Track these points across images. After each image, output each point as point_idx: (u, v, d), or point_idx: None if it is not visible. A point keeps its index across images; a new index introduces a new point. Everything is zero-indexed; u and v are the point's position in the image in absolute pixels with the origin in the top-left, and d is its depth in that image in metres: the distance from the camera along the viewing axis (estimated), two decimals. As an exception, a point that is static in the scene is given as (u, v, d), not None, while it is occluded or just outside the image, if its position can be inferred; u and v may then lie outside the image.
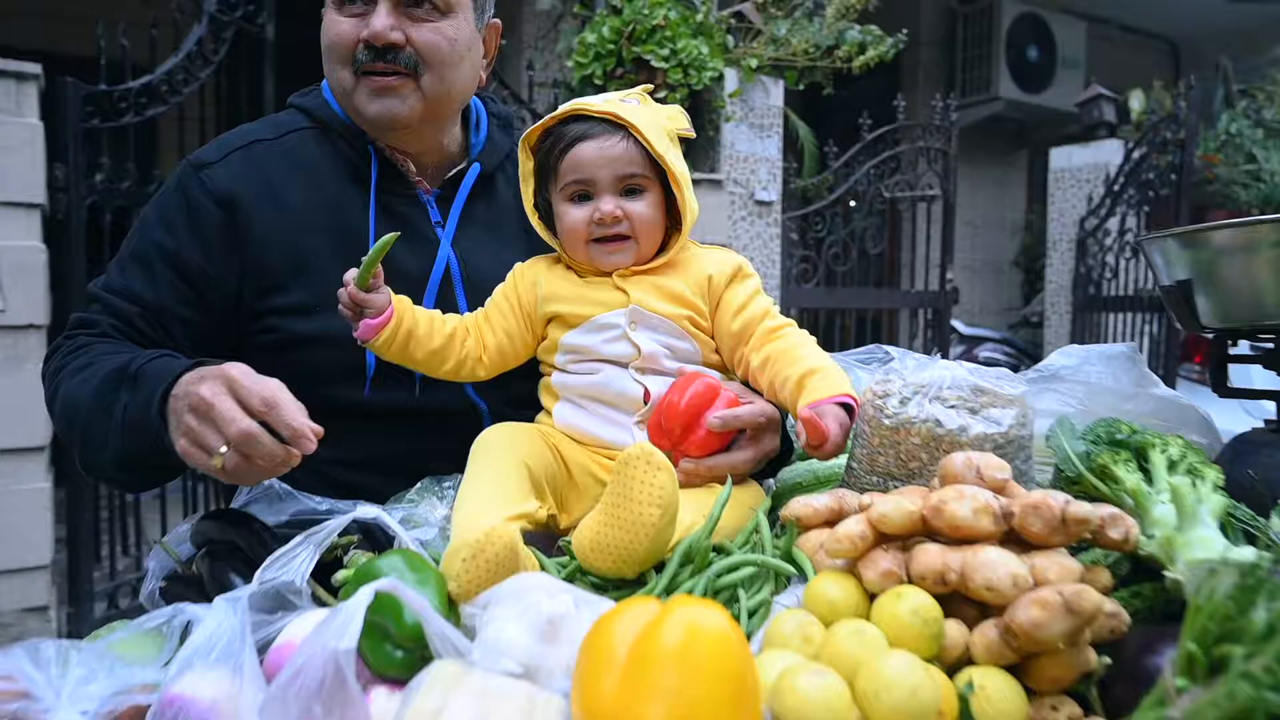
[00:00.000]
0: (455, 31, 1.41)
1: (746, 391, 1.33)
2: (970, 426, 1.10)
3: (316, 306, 1.40)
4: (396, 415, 1.46)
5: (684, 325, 1.32)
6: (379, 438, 1.46)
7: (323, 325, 1.39)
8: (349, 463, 1.45)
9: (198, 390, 1.08)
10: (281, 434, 1.05)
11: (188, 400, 1.09)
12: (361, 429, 1.44)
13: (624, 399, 1.31)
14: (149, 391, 1.17)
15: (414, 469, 1.37)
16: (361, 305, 1.27)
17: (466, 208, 1.56)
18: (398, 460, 1.43)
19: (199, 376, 1.11)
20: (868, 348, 1.98)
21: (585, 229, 1.32)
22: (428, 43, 1.39)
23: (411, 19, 1.38)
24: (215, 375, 1.09)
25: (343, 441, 1.22)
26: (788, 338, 1.31)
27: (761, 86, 4.78)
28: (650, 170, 1.32)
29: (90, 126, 3.49)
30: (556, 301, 1.35)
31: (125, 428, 1.20)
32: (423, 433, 1.47)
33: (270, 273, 1.42)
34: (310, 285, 1.42)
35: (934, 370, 1.16)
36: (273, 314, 1.43)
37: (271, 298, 1.42)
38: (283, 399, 1.06)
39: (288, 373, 1.33)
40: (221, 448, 1.05)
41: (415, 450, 1.44)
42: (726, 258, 1.37)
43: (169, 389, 1.14)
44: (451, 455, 1.44)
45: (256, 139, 1.48)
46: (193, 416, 1.08)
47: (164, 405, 1.14)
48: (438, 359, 1.36)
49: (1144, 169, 5.64)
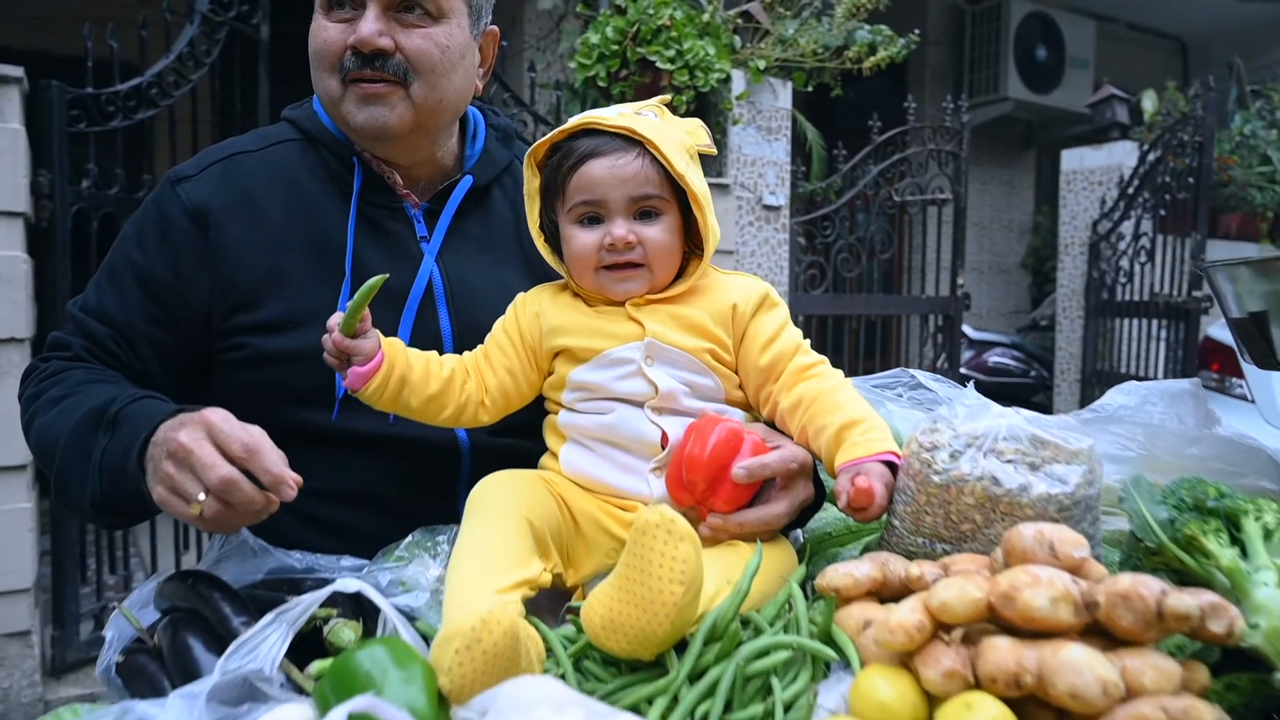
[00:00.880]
0: (448, 38, 1.33)
1: (772, 433, 1.21)
2: (1032, 485, 0.97)
3: (288, 323, 1.33)
4: (368, 442, 1.35)
5: (705, 359, 1.20)
6: (350, 466, 1.36)
7: (292, 342, 1.32)
8: (319, 494, 1.33)
9: (176, 436, 1.05)
10: (261, 481, 1.03)
11: (166, 446, 1.06)
12: (331, 456, 1.34)
13: (639, 442, 1.18)
14: (128, 439, 1.14)
15: (388, 502, 1.33)
16: (348, 353, 1.16)
17: (456, 222, 1.46)
18: (371, 492, 1.34)
19: (179, 423, 1.08)
20: (891, 372, 1.86)
21: (595, 255, 1.19)
22: (418, 49, 1.31)
23: (401, 25, 1.31)
24: (195, 421, 1.06)
25: (311, 470, 1.13)
26: (821, 378, 1.18)
27: (769, 88, 4.64)
28: (668, 190, 1.20)
29: (76, 131, 3.36)
30: (563, 334, 1.23)
31: (103, 473, 1.17)
32: (397, 462, 1.37)
33: (241, 288, 1.35)
34: (283, 301, 1.35)
35: (988, 419, 1.04)
36: (242, 331, 1.35)
37: (242, 314, 1.35)
38: (263, 445, 1.04)
39: (255, 392, 1.33)
40: (200, 495, 1.02)
41: (389, 481, 1.35)
42: (751, 285, 1.25)
43: (149, 437, 1.11)
44: (428, 487, 1.37)
45: (239, 151, 1.43)
46: (171, 463, 1.05)
47: (143, 454, 1.11)
48: (435, 405, 1.24)
49: (1159, 172, 5.51)
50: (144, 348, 1.36)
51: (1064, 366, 6.44)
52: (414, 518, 1.31)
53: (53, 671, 3.33)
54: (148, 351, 1.36)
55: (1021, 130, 9.01)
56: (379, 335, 1.20)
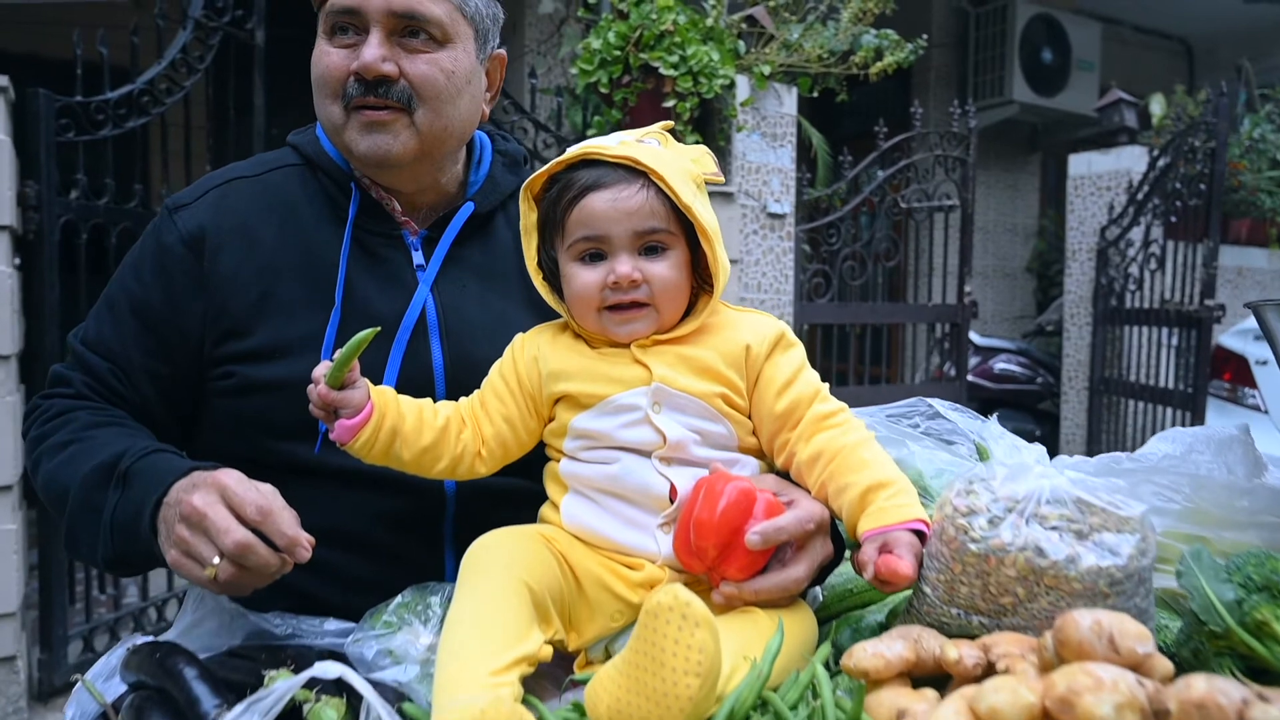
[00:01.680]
0: (453, 64, 1.29)
1: (785, 485, 1.12)
2: (1080, 557, 0.89)
3: (274, 352, 1.30)
4: (350, 479, 1.29)
5: (716, 405, 1.11)
6: (332, 503, 1.30)
7: (276, 372, 1.29)
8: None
9: (190, 499, 1.05)
10: (276, 543, 1.03)
11: (179, 509, 1.06)
12: (313, 492, 1.28)
13: (645, 495, 1.10)
14: (139, 498, 1.13)
15: (371, 541, 1.29)
16: (335, 405, 1.09)
17: (456, 250, 1.40)
18: (352, 531, 1.29)
19: (191, 484, 1.08)
20: (908, 401, 1.77)
21: (597, 295, 1.11)
22: (422, 75, 1.27)
23: (406, 50, 1.27)
24: (208, 483, 1.07)
25: (293, 505, 1.10)
26: (843, 429, 1.09)
27: (774, 94, 4.55)
28: (674, 224, 1.11)
29: (65, 140, 3.27)
30: (565, 379, 1.14)
31: (114, 531, 1.16)
32: (380, 500, 1.30)
33: (232, 314, 1.32)
34: (271, 328, 1.31)
35: (1029, 479, 0.95)
36: (231, 359, 1.32)
37: (231, 341, 1.32)
38: (276, 506, 1.05)
39: (239, 422, 1.31)
40: (215, 559, 1.02)
41: (372, 520, 1.30)
42: (765, 324, 1.16)
43: (161, 497, 1.11)
44: (413, 527, 1.31)
45: (237, 176, 1.40)
46: (185, 526, 1.05)
47: (155, 515, 1.11)
48: (429, 458, 1.16)
49: (1170, 178, 5.42)
50: (142, 381, 1.34)
51: (1071, 374, 6.35)
52: (398, 559, 1.29)
53: (39, 696, 3.24)
54: (145, 385, 1.34)
55: (1026, 133, 8.91)
56: (368, 385, 1.13)
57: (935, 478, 1.39)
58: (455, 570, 1.32)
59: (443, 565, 1.34)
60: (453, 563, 1.34)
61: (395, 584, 1.25)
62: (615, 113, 4.24)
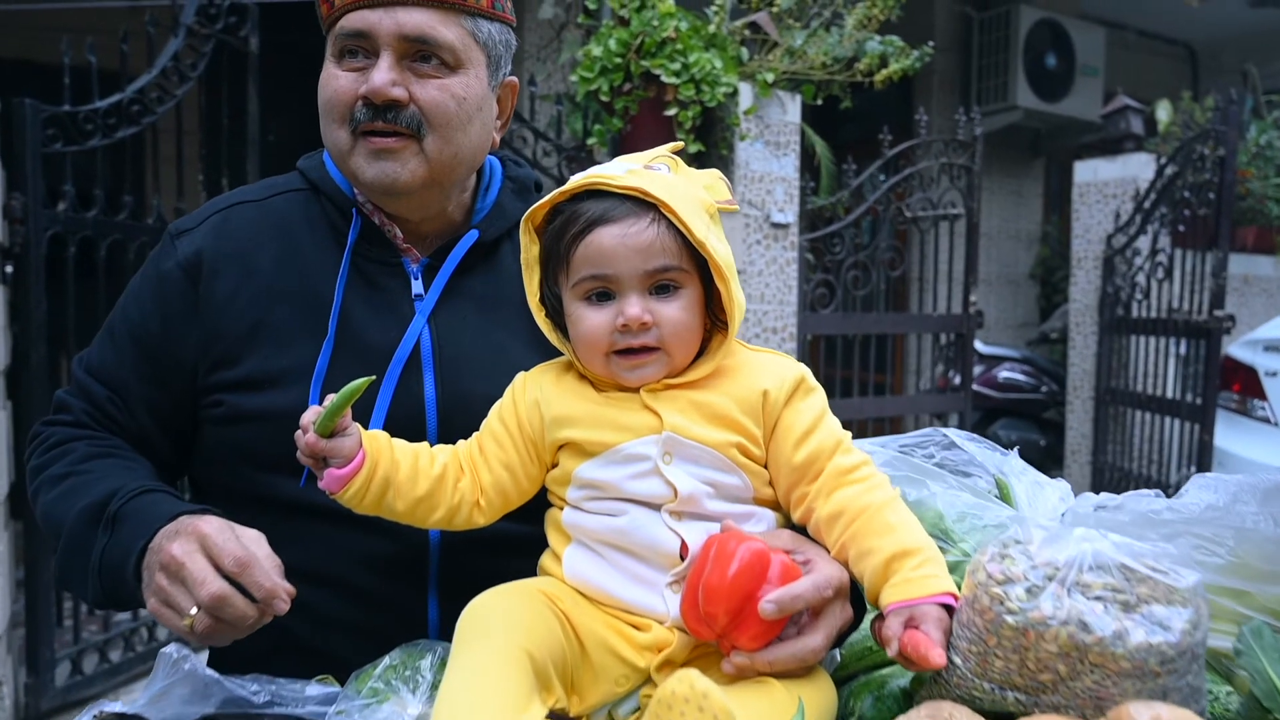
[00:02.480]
0: (465, 90, 1.25)
1: (801, 541, 1.05)
2: (1128, 632, 0.81)
3: (264, 381, 1.27)
4: (333, 517, 1.21)
5: (731, 455, 1.04)
6: (314, 542, 1.25)
7: (265, 402, 1.26)
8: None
9: (170, 548, 1.05)
10: (254, 595, 1.02)
11: (159, 557, 1.06)
12: (295, 529, 1.23)
13: (654, 551, 1.02)
14: (127, 542, 1.13)
15: (352, 582, 1.26)
16: (324, 455, 1.03)
17: (458, 279, 1.35)
18: (332, 571, 1.25)
19: (174, 531, 1.08)
20: (923, 432, 1.69)
21: (606, 338, 1.03)
22: (433, 101, 1.23)
23: (416, 75, 1.23)
24: (189, 532, 1.06)
25: (275, 543, 1.08)
26: (866, 486, 1.02)
27: (778, 102, 4.48)
28: (687, 260, 1.04)
29: (52, 151, 3.20)
30: (569, 426, 1.07)
31: (103, 574, 1.16)
32: (362, 541, 1.25)
33: (225, 341, 1.29)
34: (262, 357, 1.28)
35: (1070, 544, 0.87)
36: (221, 387, 1.29)
37: (223, 369, 1.29)
38: (259, 555, 1.03)
39: (226, 453, 1.30)
40: (192, 609, 1.01)
41: (353, 560, 1.25)
42: (784, 367, 1.08)
43: (147, 544, 1.10)
44: (396, 569, 1.26)
45: (241, 201, 1.38)
46: (163, 575, 1.05)
47: (140, 561, 1.10)
48: (424, 508, 1.09)
49: (1178, 186, 5.34)
50: (139, 409, 1.33)
51: (1077, 383, 6.28)
52: (380, 602, 1.26)
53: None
54: (143, 413, 1.33)
55: (1029, 139, 8.84)
56: (360, 431, 1.06)
57: (958, 521, 1.32)
58: (440, 616, 1.28)
59: (426, 610, 1.28)
60: (437, 608, 1.28)
61: (377, 628, 1.21)
62: (616, 121, 4.17)
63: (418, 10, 1.21)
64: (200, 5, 3.67)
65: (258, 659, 1.23)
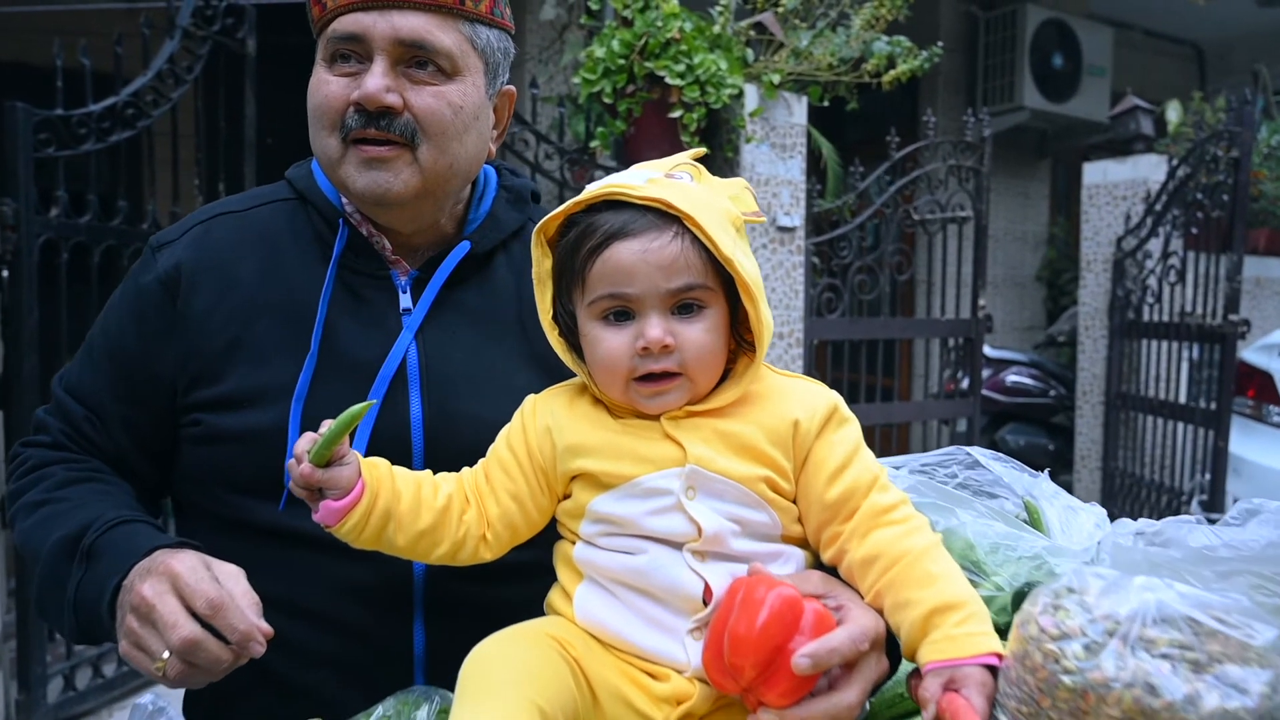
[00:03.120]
0: (461, 98, 1.19)
1: (833, 584, 0.97)
2: (1201, 696, 0.74)
3: (243, 399, 1.22)
4: (313, 543, 1.15)
5: (759, 490, 0.96)
6: (293, 570, 1.19)
7: (244, 422, 1.21)
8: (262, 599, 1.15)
9: (141, 590, 1.01)
10: (228, 638, 0.98)
11: (130, 597, 1.02)
12: (274, 556, 1.18)
13: (675, 594, 0.95)
14: (100, 579, 1.09)
15: (331, 614, 1.19)
16: (320, 486, 0.95)
17: (449, 293, 1.28)
18: (311, 601, 1.19)
19: (146, 569, 1.04)
20: (945, 450, 1.61)
21: (626, 362, 0.96)
22: (428, 109, 1.18)
23: (411, 81, 1.18)
24: (161, 570, 1.02)
25: (251, 570, 1.05)
26: (904, 528, 0.94)
27: (784, 103, 4.40)
28: (712, 277, 0.96)
29: (44, 156, 3.13)
30: (583, 455, 1.00)
31: (77, 608, 1.12)
32: (342, 568, 1.17)
33: (203, 358, 1.24)
34: (241, 374, 1.23)
35: (1131, 594, 0.80)
36: (199, 406, 1.24)
37: (201, 387, 1.24)
38: (232, 596, 0.99)
39: (205, 474, 1.25)
40: (164, 653, 0.98)
41: (333, 590, 1.19)
42: (816, 394, 1.01)
43: (121, 581, 1.06)
44: (378, 600, 1.19)
45: (224, 211, 1.33)
46: (134, 618, 1.01)
47: (115, 600, 1.07)
48: (427, 542, 1.02)
49: (1190, 187, 5.26)
50: (117, 429, 1.28)
51: (1086, 387, 6.19)
52: (361, 633, 1.20)
53: (17, 739, 3.09)
54: (121, 433, 1.28)
55: (1035, 139, 8.76)
56: (359, 460, 0.99)
57: (990, 553, 1.24)
58: (426, 647, 1.20)
59: (411, 641, 1.21)
60: (423, 638, 1.21)
61: (358, 661, 1.18)
62: (619, 123, 4.10)
63: (414, 14, 1.15)
64: (196, 7, 3.60)
65: (234, 696, 1.18)
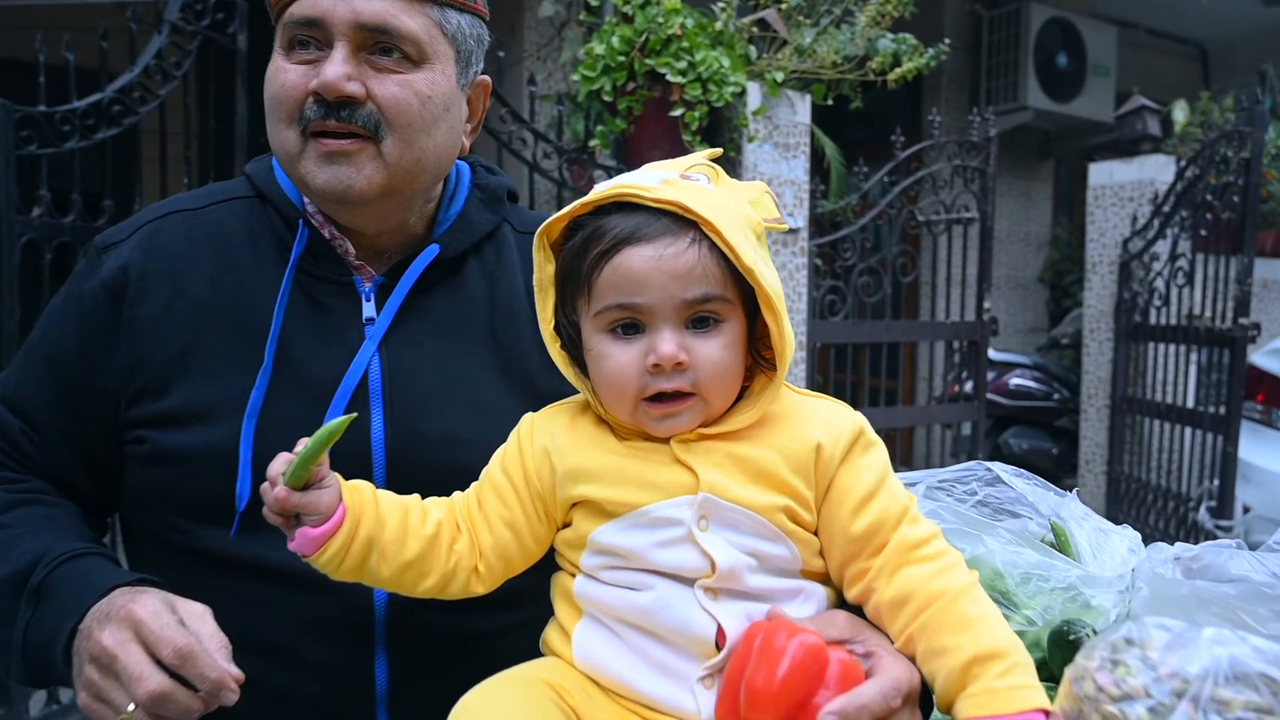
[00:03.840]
0: (429, 87, 1.10)
1: (859, 625, 0.88)
2: (1286, 769, 0.65)
3: (191, 416, 1.14)
4: (268, 572, 1.09)
5: (778, 521, 0.88)
6: (248, 601, 1.10)
7: (192, 440, 1.13)
8: None
9: (100, 638, 0.94)
10: (198, 687, 0.91)
11: (89, 645, 0.96)
12: (228, 586, 1.09)
13: (684, 636, 0.86)
14: (53, 623, 1.01)
15: (287, 649, 1.11)
16: (297, 511, 0.87)
17: (416, 299, 1.19)
18: (266, 635, 1.10)
19: (104, 613, 0.97)
20: (964, 466, 1.53)
21: (635, 380, 0.88)
22: (393, 99, 1.09)
23: (375, 69, 1.10)
24: (121, 616, 0.95)
25: (204, 602, 0.98)
26: (938, 565, 0.85)
27: (787, 102, 4.32)
28: (731, 289, 0.88)
29: (26, 154, 3.04)
30: (586, 480, 0.91)
31: (27, 650, 1.05)
32: (299, 600, 1.09)
33: (148, 370, 1.15)
34: (190, 388, 1.14)
35: (1199, 649, 0.71)
36: (142, 422, 1.16)
37: (145, 401, 1.16)
38: (200, 641, 0.92)
39: (152, 497, 1.16)
40: (130, 706, 0.91)
41: (289, 623, 1.10)
42: (839, 416, 0.92)
43: (76, 625, 0.99)
44: (337, 635, 1.10)
45: (177, 209, 1.24)
46: (95, 669, 0.94)
47: (70, 645, 1.00)
48: (414, 574, 0.93)
49: (1199, 188, 5.17)
50: (57, 444, 1.20)
51: (1091, 391, 6.11)
52: (319, 670, 1.12)
53: (-2, 755, 3.00)
54: (61, 449, 1.20)
55: (1038, 140, 8.68)
56: (339, 482, 0.90)
57: (1021, 584, 1.15)
58: (389, 681, 1.12)
59: (373, 676, 1.12)
60: (385, 672, 1.12)
61: (318, 698, 1.11)
62: (619, 122, 4.01)
63: None
64: (185, 1, 3.51)
65: None
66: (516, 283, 1.24)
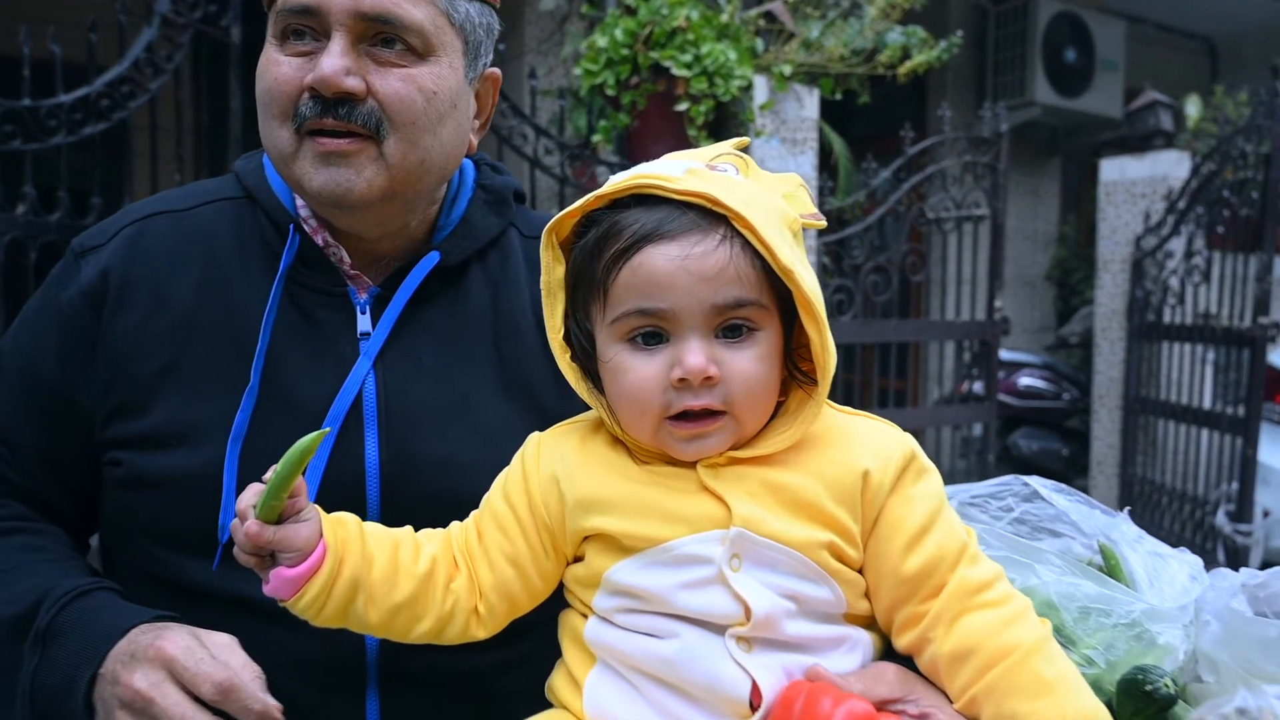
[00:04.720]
0: (435, 82, 1.02)
1: (912, 681, 0.78)
2: None
3: (171, 438, 1.06)
4: (253, 608, 0.99)
5: (820, 559, 0.77)
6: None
7: (172, 464, 1.05)
8: None
9: (131, 682, 0.88)
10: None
11: (118, 693, 0.89)
12: (210, 623, 0.99)
13: (713, 694, 0.76)
14: (68, 668, 0.94)
15: (278, 688, 0.98)
16: (271, 548, 0.77)
17: (415, 310, 1.10)
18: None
19: (130, 655, 0.90)
20: (999, 480, 1.43)
21: (658, 397, 0.77)
22: (396, 95, 1.02)
23: (376, 62, 1.02)
24: (149, 656, 0.90)
25: None
26: (1006, 613, 0.75)
27: (794, 96, 4.21)
28: (766, 293, 0.77)
29: (10, 149, 2.94)
30: (600, 511, 0.81)
31: (36, 698, 0.97)
32: (289, 638, 1.00)
33: (128, 385, 1.08)
34: (171, 407, 1.07)
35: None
36: (119, 444, 1.08)
37: (122, 420, 1.08)
38: (240, 677, 0.88)
39: (128, 521, 1.10)
40: None
41: (274, 661, 0.99)
42: (887, 439, 0.82)
43: (96, 670, 0.92)
44: (325, 675, 1.03)
45: (161, 210, 1.16)
46: (127, 714, 0.89)
47: (90, 692, 0.93)
48: (406, 618, 0.83)
49: (1215, 184, 5.07)
50: (34, 465, 1.12)
51: (1102, 391, 6.00)
52: (307, 714, 1.02)
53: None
54: (38, 470, 1.12)
55: (1046, 136, 8.57)
56: (320, 516, 0.80)
57: (1080, 620, 1.04)
58: None
59: (363, 717, 1.05)
60: (376, 713, 1.04)
61: None
62: (623, 116, 3.91)
63: None
64: (176, -7, 3.41)
65: None
66: (522, 292, 1.15)
